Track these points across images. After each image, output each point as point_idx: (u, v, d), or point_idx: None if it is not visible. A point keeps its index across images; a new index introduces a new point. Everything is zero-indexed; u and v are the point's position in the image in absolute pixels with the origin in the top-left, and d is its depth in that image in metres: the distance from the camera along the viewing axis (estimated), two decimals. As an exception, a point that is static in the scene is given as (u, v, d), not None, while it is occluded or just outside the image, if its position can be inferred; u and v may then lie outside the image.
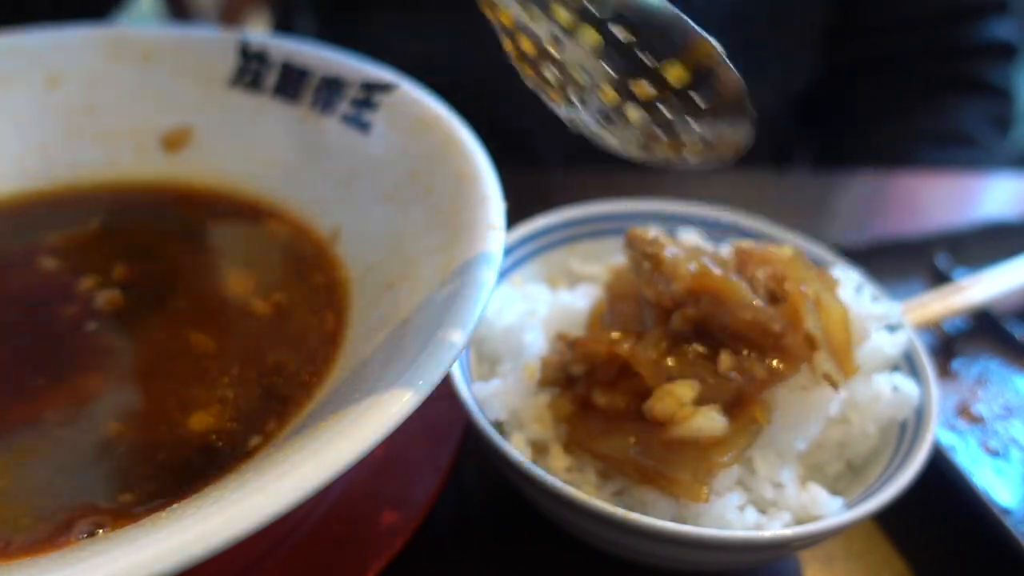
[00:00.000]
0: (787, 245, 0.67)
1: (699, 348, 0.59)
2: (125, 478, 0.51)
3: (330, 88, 0.75)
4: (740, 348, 0.58)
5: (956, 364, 0.83)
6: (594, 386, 0.60)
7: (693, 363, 0.58)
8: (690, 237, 0.75)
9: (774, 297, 0.61)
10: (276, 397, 0.57)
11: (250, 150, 0.77)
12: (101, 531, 0.46)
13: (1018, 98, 1.48)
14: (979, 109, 1.44)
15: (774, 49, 1.39)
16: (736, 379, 0.57)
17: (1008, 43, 1.45)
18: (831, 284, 0.64)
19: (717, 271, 0.59)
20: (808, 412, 0.59)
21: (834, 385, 0.60)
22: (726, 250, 0.68)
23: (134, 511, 0.48)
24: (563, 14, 0.46)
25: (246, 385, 0.58)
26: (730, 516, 0.56)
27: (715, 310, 0.58)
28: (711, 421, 0.55)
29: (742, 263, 0.65)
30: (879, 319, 0.67)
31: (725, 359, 0.57)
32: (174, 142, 0.78)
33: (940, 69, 1.45)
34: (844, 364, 0.61)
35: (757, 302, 0.58)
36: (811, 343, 0.59)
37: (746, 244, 0.68)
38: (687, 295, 0.59)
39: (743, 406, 0.57)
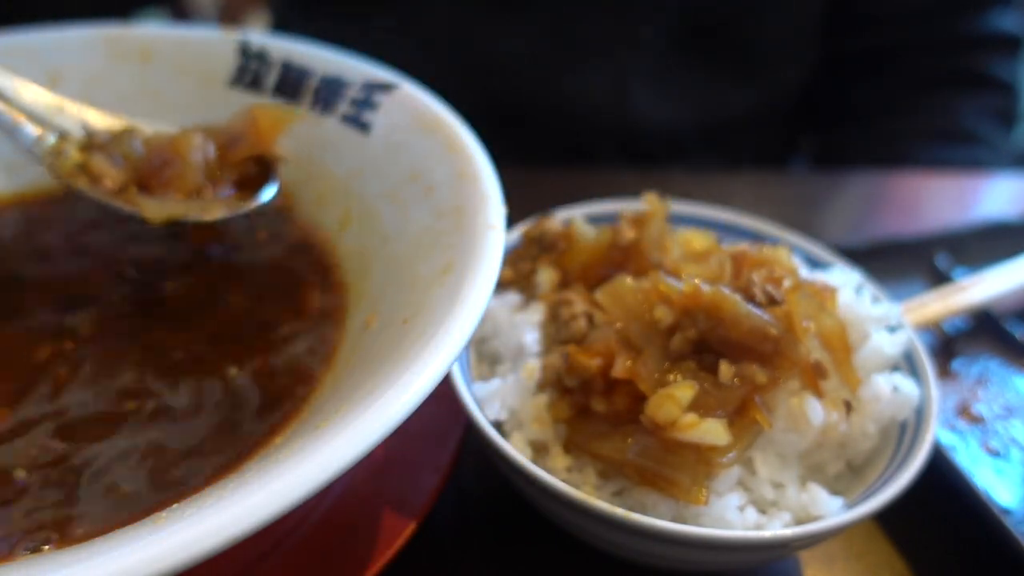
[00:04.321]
0: (782, 248, 0.67)
1: (699, 361, 0.58)
2: (124, 476, 0.51)
3: (330, 88, 0.75)
4: (740, 357, 0.58)
5: (956, 364, 0.83)
6: (591, 394, 0.60)
7: (695, 377, 0.58)
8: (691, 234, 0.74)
9: (771, 299, 0.61)
10: (276, 397, 0.57)
11: (250, 150, 0.77)
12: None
13: (1022, 91, 1.47)
14: (982, 104, 1.43)
15: (772, 45, 1.39)
16: (737, 387, 0.57)
17: (1012, 35, 1.43)
18: (828, 293, 0.64)
19: (706, 287, 0.59)
20: (807, 414, 0.59)
21: (850, 409, 0.60)
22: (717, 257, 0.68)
23: (133, 510, 0.48)
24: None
25: (245, 385, 0.58)
26: (730, 516, 0.56)
27: (712, 325, 0.58)
28: (716, 436, 0.55)
29: (737, 266, 0.65)
30: (879, 320, 0.67)
31: (725, 369, 0.57)
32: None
33: (942, 62, 1.43)
34: (845, 374, 0.61)
35: (752, 310, 0.58)
36: (820, 371, 0.59)
37: (741, 246, 0.68)
38: (683, 315, 0.59)
39: (745, 410, 0.57)
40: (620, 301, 0.62)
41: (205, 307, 0.66)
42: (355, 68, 0.75)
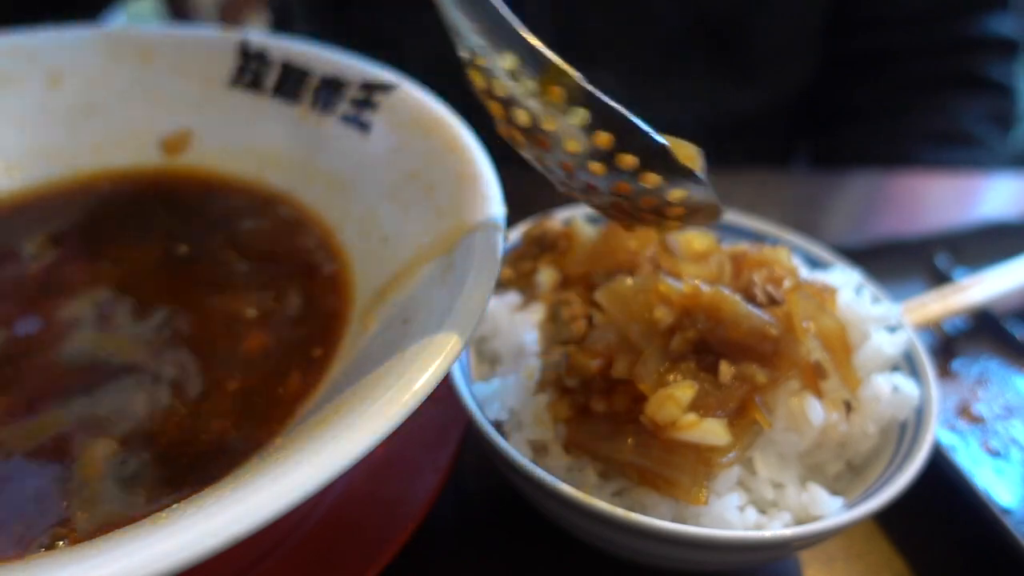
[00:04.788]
0: (782, 248, 0.67)
1: (699, 362, 0.58)
2: (123, 478, 0.51)
3: (330, 88, 0.75)
4: (740, 357, 0.58)
5: (956, 364, 0.83)
6: (591, 394, 0.60)
7: (695, 377, 0.58)
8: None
9: (771, 300, 0.60)
10: (275, 397, 0.57)
11: (250, 150, 0.77)
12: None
13: (1019, 95, 1.47)
14: (980, 106, 1.43)
15: (774, 46, 1.39)
16: (737, 387, 0.57)
17: (1009, 38, 1.44)
18: (828, 293, 0.64)
19: (706, 287, 0.59)
20: (807, 414, 0.59)
21: (850, 409, 0.60)
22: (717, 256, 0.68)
23: (133, 512, 0.48)
24: (557, 92, 0.50)
25: (244, 385, 0.58)
26: (730, 516, 0.56)
27: (712, 326, 0.58)
28: (716, 436, 0.55)
29: (737, 266, 0.65)
30: (879, 320, 0.67)
31: (725, 369, 0.57)
32: (174, 146, 0.78)
33: (940, 65, 1.44)
34: (845, 374, 0.61)
35: (752, 310, 0.58)
36: (820, 372, 0.59)
37: (741, 246, 0.68)
38: (683, 316, 0.59)
39: (745, 410, 0.57)
40: (620, 301, 0.62)
41: (205, 307, 0.66)
42: (355, 68, 0.75)
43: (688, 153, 0.54)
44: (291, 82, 0.77)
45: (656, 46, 1.32)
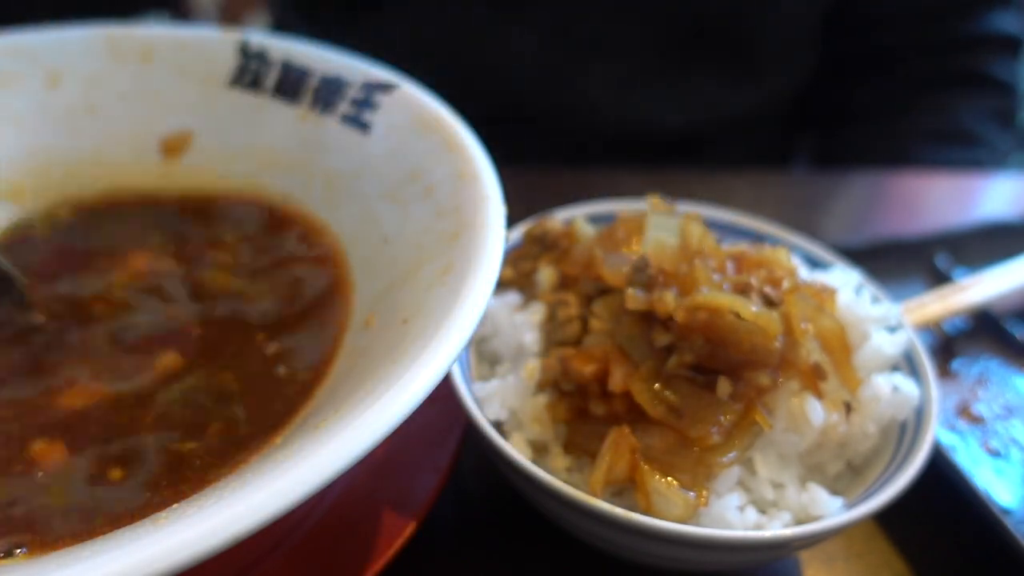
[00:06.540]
0: (782, 248, 0.67)
1: (697, 376, 0.58)
2: (123, 476, 0.51)
3: (330, 88, 0.75)
4: (743, 370, 0.58)
5: (956, 364, 0.83)
6: (589, 398, 0.59)
7: (692, 392, 0.57)
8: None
9: (770, 302, 0.60)
10: (275, 397, 0.57)
11: (249, 150, 0.77)
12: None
13: (1021, 92, 1.47)
14: (982, 104, 1.43)
15: (771, 46, 1.39)
16: (734, 403, 0.57)
17: (1012, 35, 1.43)
18: (827, 294, 0.64)
19: (707, 298, 0.58)
20: (808, 415, 0.59)
21: (850, 410, 0.60)
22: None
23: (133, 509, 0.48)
24: None
25: (245, 386, 0.58)
26: (730, 516, 0.56)
27: (711, 350, 0.57)
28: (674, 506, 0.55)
29: (737, 267, 0.65)
30: (879, 320, 0.67)
31: (724, 385, 0.57)
32: (173, 147, 0.78)
33: (942, 63, 1.43)
34: (844, 375, 0.61)
35: (751, 325, 0.57)
36: (819, 373, 0.59)
37: (741, 246, 0.68)
38: (680, 339, 0.58)
39: (745, 411, 0.57)
40: (616, 317, 0.62)
41: (204, 308, 0.66)
42: (355, 68, 0.75)
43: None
44: (291, 82, 0.77)
45: (656, 45, 1.33)
